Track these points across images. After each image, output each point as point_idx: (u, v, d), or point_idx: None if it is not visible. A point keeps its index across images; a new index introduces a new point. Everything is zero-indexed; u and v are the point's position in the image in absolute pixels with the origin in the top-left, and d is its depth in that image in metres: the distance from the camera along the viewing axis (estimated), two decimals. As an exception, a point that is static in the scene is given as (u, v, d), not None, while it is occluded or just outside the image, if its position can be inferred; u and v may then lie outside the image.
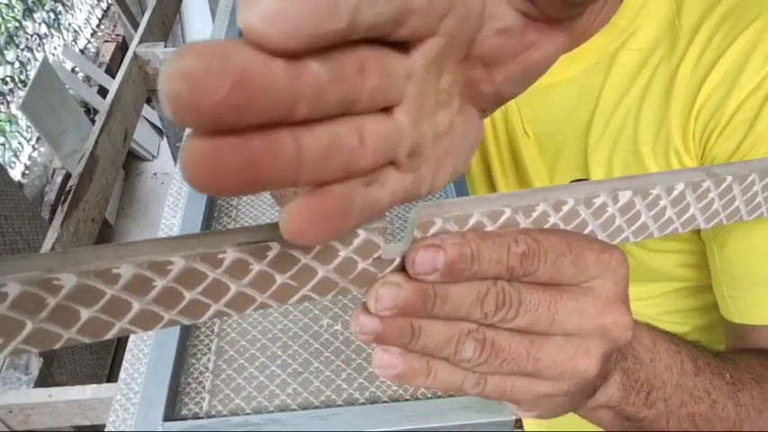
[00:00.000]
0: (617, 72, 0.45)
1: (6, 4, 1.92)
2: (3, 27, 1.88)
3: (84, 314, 0.18)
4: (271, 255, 0.20)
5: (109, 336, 0.19)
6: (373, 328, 0.21)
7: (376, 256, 0.21)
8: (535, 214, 0.22)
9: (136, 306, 0.19)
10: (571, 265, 0.22)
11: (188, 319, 0.20)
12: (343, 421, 0.74)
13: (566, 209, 0.23)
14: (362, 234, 0.20)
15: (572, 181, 0.51)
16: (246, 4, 0.13)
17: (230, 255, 0.19)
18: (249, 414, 0.75)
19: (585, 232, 0.24)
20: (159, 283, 0.19)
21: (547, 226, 0.23)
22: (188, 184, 0.14)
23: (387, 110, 0.17)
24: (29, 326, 0.18)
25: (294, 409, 0.76)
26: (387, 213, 0.21)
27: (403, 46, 0.17)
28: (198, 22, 2.79)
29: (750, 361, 0.38)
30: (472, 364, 0.22)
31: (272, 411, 0.76)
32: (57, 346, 0.19)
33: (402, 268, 0.22)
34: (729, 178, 0.25)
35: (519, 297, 0.22)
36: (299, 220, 0.15)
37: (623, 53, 0.44)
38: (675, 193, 0.24)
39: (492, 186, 0.61)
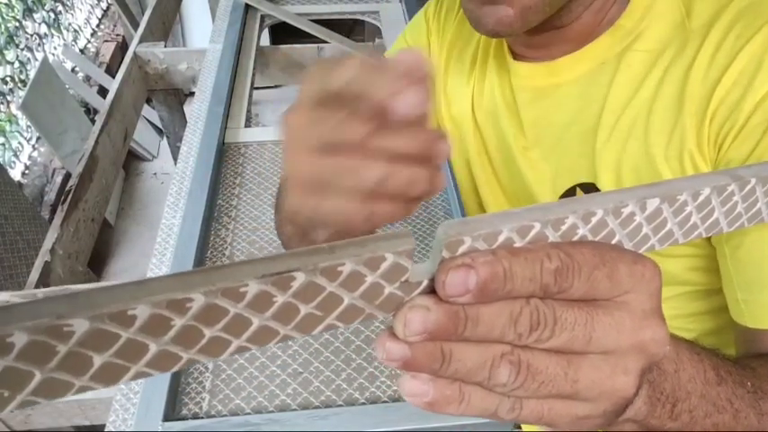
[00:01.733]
0: (624, 73, 0.44)
1: (6, 4, 1.92)
2: (3, 27, 1.88)
3: (98, 360, 0.17)
4: (295, 285, 0.19)
5: (123, 381, 0.19)
6: (402, 354, 0.20)
7: (403, 279, 0.20)
8: (564, 227, 0.22)
9: (153, 348, 0.18)
10: (605, 278, 0.22)
11: (208, 357, 0.19)
12: (343, 421, 0.74)
13: (594, 220, 0.22)
14: (390, 257, 0.19)
15: (578, 185, 0.51)
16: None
17: (253, 287, 0.18)
18: (249, 414, 0.75)
19: (613, 242, 0.23)
20: (178, 323, 0.17)
21: (575, 238, 0.22)
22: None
23: None
24: (37, 376, 0.16)
25: (294, 409, 0.76)
26: (413, 233, 0.20)
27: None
28: (198, 22, 2.79)
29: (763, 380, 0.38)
30: (508, 388, 0.21)
31: (272, 411, 0.76)
32: (68, 396, 0.18)
33: (430, 291, 0.21)
34: (753, 180, 0.24)
35: (554, 315, 0.21)
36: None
37: (630, 54, 0.44)
38: (701, 198, 0.23)
39: (477, 196, 0.61)
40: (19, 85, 1.92)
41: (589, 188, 0.50)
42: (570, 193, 0.51)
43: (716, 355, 0.33)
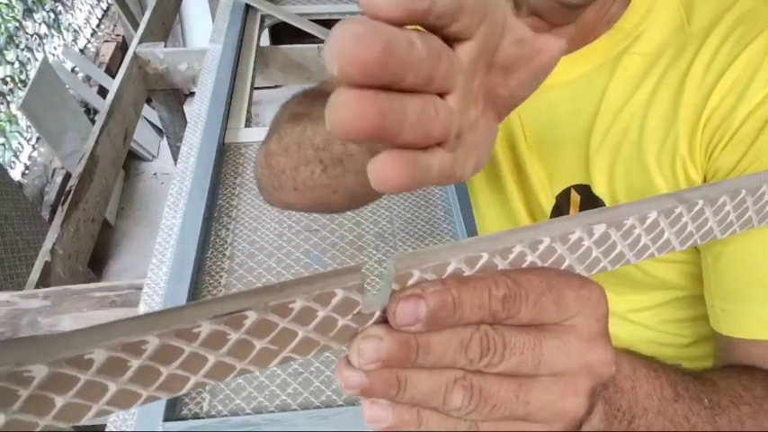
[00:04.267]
0: (621, 76, 0.44)
1: (6, 4, 1.92)
2: (3, 27, 1.88)
3: (60, 401, 0.18)
4: (248, 323, 0.19)
5: (86, 419, 0.19)
6: (359, 382, 0.21)
7: (356, 312, 0.21)
8: (512, 256, 0.22)
9: (112, 388, 0.18)
10: (552, 303, 0.22)
11: (167, 393, 0.20)
12: (343, 421, 0.74)
13: (542, 247, 0.23)
14: (340, 293, 0.20)
15: (572, 186, 0.51)
16: None
17: (206, 327, 0.19)
18: (249, 414, 0.75)
19: (563, 267, 0.24)
20: (135, 363, 0.18)
21: (524, 265, 0.23)
22: (331, 125, 0.17)
23: (442, 96, 0.20)
24: (1, 418, 0.17)
25: (294, 409, 0.76)
26: (362, 268, 0.21)
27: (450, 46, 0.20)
28: (198, 22, 2.79)
29: (730, 381, 0.38)
30: (462, 412, 0.22)
31: (273, 411, 0.76)
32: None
33: (383, 321, 0.22)
34: (701, 202, 0.25)
35: (503, 341, 0.22)
36: (385, 169, 0.19)
37: (627, 57, 0.44)
38: (649, 221, 0.24)
39: (500, 190, 0.61)
40: (19, 85, 1.92)
41: (584, 190, 0.50)
42: (565, 194, 0.51)
43: (675, 372, 0.33)
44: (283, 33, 2.07)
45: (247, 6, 1.58)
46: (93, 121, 1.79)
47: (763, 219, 0.29)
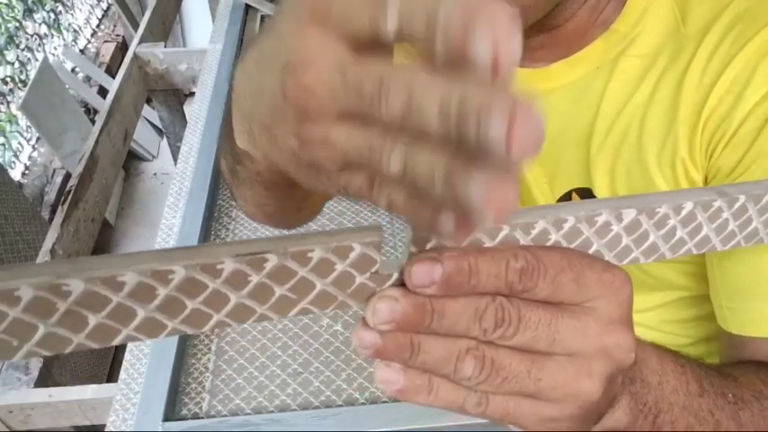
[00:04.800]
0: (618, 78, 0.44)
1: (6, 4, 1.92)
2: (3, 27, 1.88)
3: (92, 320, 0.19)
4: (268, 266, 0.20)
5: (115, 342, 0.20)
6: (373, 342, 0.21)
7: (373, 270, 0.21)
8: (535, 231, 0.22)
9: (141, 313, 0.19)
10: (571, 282, 0.22)
11: (191, 328, 0.21)
12: (343, 421, 0.74)
13: (567, 227, 0.22)
14: (357, 248, 0.21)
15: (574, 189, 0.51)
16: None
17: (229, 265, 0.19)
18: (249, 414, 0.75)
19: (591, 251, 0.24)
20: (162, 292, 0.19)
21: (548, 244, 0.23)
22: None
23: None
24: (41, 329, 0.18)
25: (294, 409, 0.76)
26: (381, 227, 0.21)
27: None
28: (198, 22, 2.79)
29: (750, 376, 0.38)
30: (473, 382, 0.22)
31: (272, 411, 0.76)
32: (67, 350, 0.20)
33: (400, 284, 0.22)
34: (742, 198, 0.24)
35: (518, 314, 0.22)
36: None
37: (624, 59, 0.44)
38: (684, 212, 0.23)
39: None
40: (19, 85, 1.92)
41: (585, 193, 0.50)
42: (566, 197, 0.51)
43: (699, 367, 0.33)
44: (283, 33, 2.06)
45: (247, 6, 1.58)
46: (93, 121, 1.79)
47: None
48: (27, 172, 1.93)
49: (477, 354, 0.22)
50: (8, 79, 1.88)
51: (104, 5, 2.68)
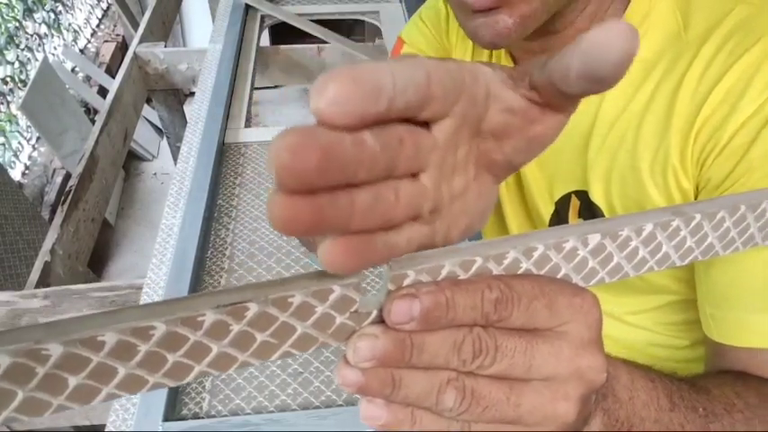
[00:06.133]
0: (618, 83, 0.44)
1: (6, 4, 1.92)
2: (3, 27, 1.88)
3: (72, 381, 0.19)
4: (249, 314, 0.20)
5: (96, 401, 0.20)
6: (355, 379, 0.22)
7: (353, 310, 0.22)
8: (507, 261, 0.23)
9: (121, 371, 0.19)
10: (544, 309, 0.23)
11: (172, 380, 0.21)
12: (343, 421, 0.74)
13: (536, 254, 0.23)
14: (338, 290, 0.21)
15: (572, 192, 0.51)
16: (315, 94, 0.18)
17: (210, 317, 0.20)
18: (249, 414, 0.75)
19: (559, 276, 0.24)
20: (143, 348, 0.19)
21: (520, 272, 0.24)
22: (272, 225, 0.18)
23: (415, 175, 0.21)
24: (20, 395, 0.18)
25: (294, 409, 0.76)
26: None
27: (426, 125, 0.21)
28: (198, 22, 2.79)
29: (724, 388, 0.38)
30: (454, 412, 0.23)
31: (272, 411, 0.76)
32: (46, 414, 0.20)
33: (379, 320, 0.22)
34: (698, 216, 0.25)
35: (495, 343, 0.22)
36: (332, 253, 0.19)
37: None
38: (645, 233, 0.24)
39: (498, 203, 0.61)
40: (19, 85, 1.92)
41: (584, 196, 0.50)
42: (565, 199, 0.51)
43: (671, 382, 0.34)
44: (283, 33, 2.07)
45: (247, 6, 1.58)
46: (93, 121, 1.79)
47: (767, 237, 0.29)
48: (27, 172, 1.93)
49: (457, 385, 0.23)
50: (8, 79, 1.88)
51: (104, 5, 2.68)
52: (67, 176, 1.90)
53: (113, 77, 1.76)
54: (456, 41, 0.59)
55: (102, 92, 2.28)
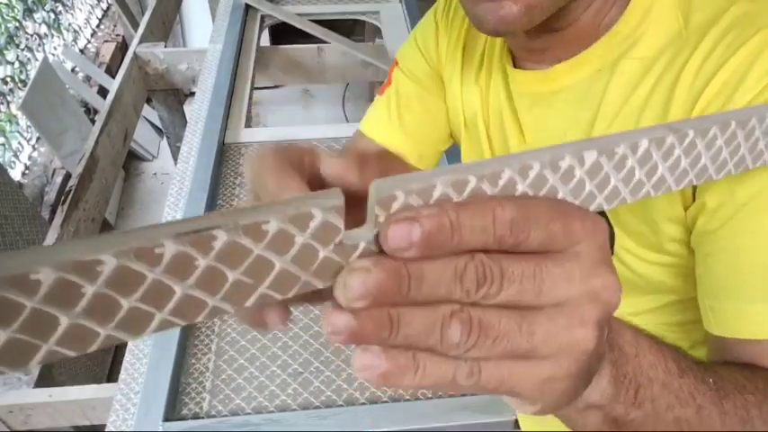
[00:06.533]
0: (618, 80, 0.44)
1: (6, 4, 1.92)
2: (3, 27, 1.88)
3: (1, 336, 0.16)
4: (217, 245, 0.17)
5: (33, 363, 0.17)
6: (347, 324, 0.19)
7: (337, 241, 0.19)
8: (502, 182, 0.21)
9: (64, 321, 0.16)
10: (561, 230, 0.21)
11: (127, 333, 0.17)
12: (343, 421, 0.74)
13: (532, 174, 0.21)
14: (318, 215, 0.18)
15: None
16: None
17: (170, 248, 0.16)
18: (249, 414, 0.75)
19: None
20: (89, 290, 0.16)
21: (516, 194, 0.22)
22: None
23: None
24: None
25: (294, 409, 0.76)
26: (340, 190, 0.19)
27: None
28: (198, 22, 2.79)
29: (731, 371, 0.37)
30: (461, 349, 0.20)
31: (273, 411, 0.76)
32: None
33: (369, 253, 0.20)
34: (691, 133, 0.24)
35: (500, 269, 0.20)
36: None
37: (625, 62, 0.44)
38: (641, 151, 0.23)
39: None
40: (19, 85, 1.92)
41: None
42: None
43: (677, 350, 0.32)
44: (283, 33, 2.07)
45: (247, 6, 1.58)
46: (93, 121, 1.79)
47: (757, 158, 0.28)
48: (27, 172, 1.93)
49: (462, 317, 0.20)
50: (8, 79, 1.88)
51: (104, 5, 2.68)
52: (67, 176, 1.90)
53: (113, 77, 1.76)
54: (445, 61, 0.60)
55: (102, 92, 2.27)
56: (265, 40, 2.38)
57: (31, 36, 2.06)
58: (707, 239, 0.42)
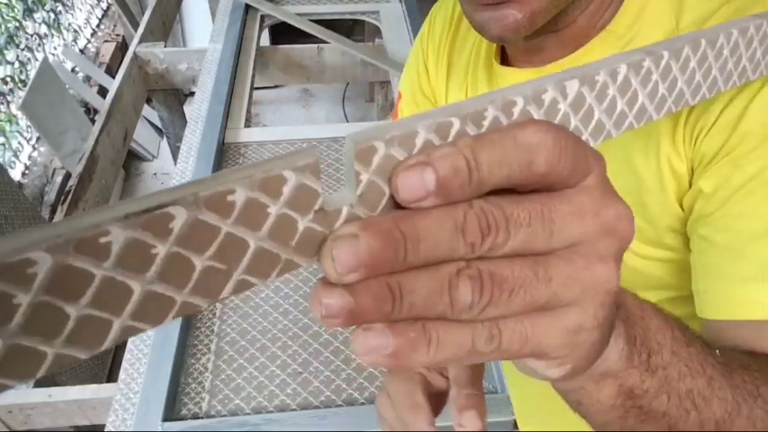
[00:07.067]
0: None
1: (6, 4, 1.92)
2: (3, 27, 1.88)
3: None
4: (177, 226, 0.14)
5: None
6: (343, 303, 0.17)
7: (317, 207, 0.17)
8: (486, 122, 0.19)
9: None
10: (583, 158, 0.19)
11: (81, 350, 0.14)
12: (342, 421, 0.74)
13: (516, 111, 0.19)
14: (291, 177, 0.16)
15: None
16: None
17: (117, 235, 0.13)
18: (249, 414, 0.75)
19: None
20: (23, 300, 0.13)
21: None
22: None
23: None
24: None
25: (294, 409, 0.76)
26: (314, 149, 0.17)
27: None
28: (198, 22, 2.79)
29: (733, 353, 0.36)
30: (476, 310, 0.18)
31: (272, 411, 0.76)
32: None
33: (354, 219, 0.18)
34: (666, 54, 0.24)
35: (503, 214, 0.18)
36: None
37: None
38: (620, 78, 0.22)
39: None
40: (19, 85, 1.92)
41: None
42: None
43: (680, 320, 0.30)
44: (283, 33, 2.07)
45: (247, 6, 1.58)
46: (93, 121, 1.79)
47: (728, 79, 0.28)
48: (27, 172, 1.93)
49: (471, 273, 0.18)
50: (8, 79, 1.88)
51: (104, 5, 2.68)
52: (67, 176, 1.90)
53: (113, 77, 1.76)
54: (436, 86, 0.61)
55: (102, 92, 2.27)
56: (265, 39, 2.38)
57: (31, 36, 2.06)
58: (702, 222, 0.42)
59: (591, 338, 0.20)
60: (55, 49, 2.21)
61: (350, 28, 2.44)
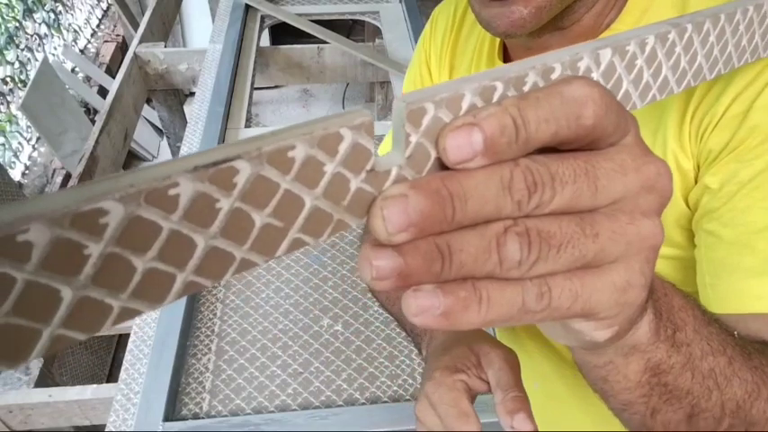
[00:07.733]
0: None
1: (6, 4, 1.92)
2: (3, 27, 1.88)
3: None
4: (241, 181, 0.15)
5: (33, 354, 0.14)
6: (393, 264, 0.17)
7: (368, 167, 0.17)
8: (526, 87, 0.19)
9: (67, 295, 0.13)
10: (624, 116, 0.19)
11: (146, 304, 0.15)
12: (343, 421, 0.74)
13: (555, 77, 0.20)
14: (348, 135, 0.16)
15: None
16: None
17: (186, 188, 0.14)
18: (249, 414, 0.75)
19: None
20: (94, 251, 0.13)
21: None
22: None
23: None
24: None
25: (294, 409, 0.76)
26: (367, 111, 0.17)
27: None
28: (198, 22, 2.79)
29: (745, 339, 0.35)
30: (525, 266, 0.18)
31: (273, 411, 0.76)
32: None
33: (402, 181, 0.18)
34: (689, 27, 0.24)
35: (549, 171, 0.18)
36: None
37: None
38: (648, 49, 0.23)
39: None
40: (19, 85, 1.92)
41: None
42: None
43: (699, 302, 0.30)
44: (283, 33, 2.07)
45: (247, 6, 1.59)
46: (93, 121, 1.79)
47: (741, 55, 0.28)
48: (27, 172, 1.92)
49: (518, 230, 0.18)
50: (8, 79, 1.88)
51: (104, 5, 2.68)
52: (67, 176, 1.90)
53: (113, 77, 1.76)
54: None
55: (102, 92, 2.27)
56: (265, 40, 2.38)
57: (31, 36, 2.06)
58: (709, 218, 0.42)
59: (638, 299, 0.21)
60: (55, 49, 2.21)
61: (350, 28, 2.44)
